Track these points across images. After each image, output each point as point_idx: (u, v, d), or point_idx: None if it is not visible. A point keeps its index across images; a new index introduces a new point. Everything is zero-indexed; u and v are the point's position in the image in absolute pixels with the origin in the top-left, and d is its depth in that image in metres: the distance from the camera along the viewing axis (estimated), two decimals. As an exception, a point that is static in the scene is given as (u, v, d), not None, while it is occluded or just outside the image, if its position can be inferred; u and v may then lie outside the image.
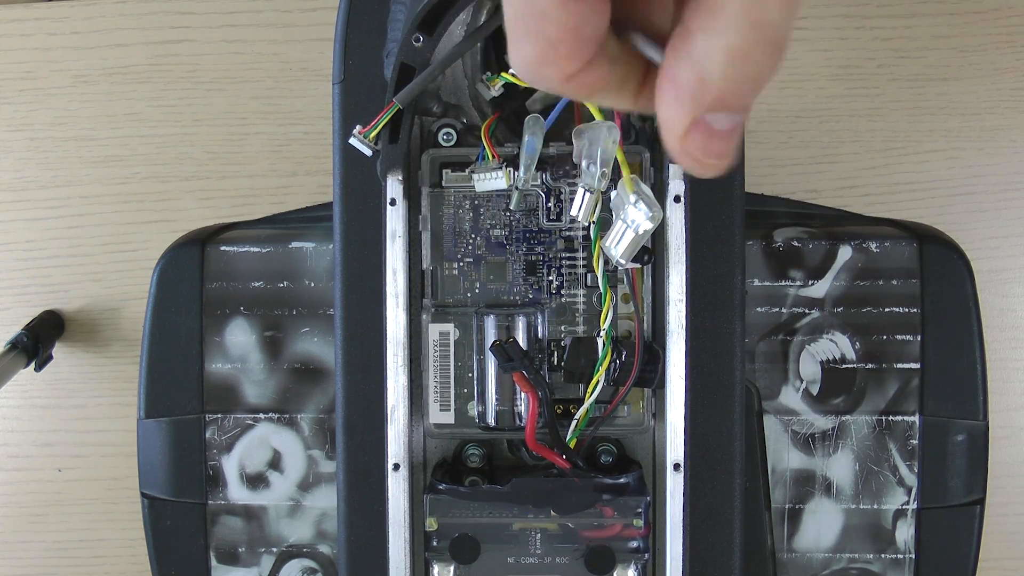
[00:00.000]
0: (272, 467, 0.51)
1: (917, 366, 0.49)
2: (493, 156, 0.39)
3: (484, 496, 0.41)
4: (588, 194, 0.36)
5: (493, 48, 0.42)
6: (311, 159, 0.68)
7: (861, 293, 0.49)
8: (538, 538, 0.41)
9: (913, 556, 0.49)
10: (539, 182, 0.41)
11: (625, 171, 0.36)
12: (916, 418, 0.49)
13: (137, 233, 0.69)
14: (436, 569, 0.41)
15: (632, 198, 0.34)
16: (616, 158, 0.37)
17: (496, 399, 0.41)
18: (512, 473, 0.42)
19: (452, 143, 0.41)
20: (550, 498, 0.40)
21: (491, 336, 0.41)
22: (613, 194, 0.39)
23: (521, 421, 0.41)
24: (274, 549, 0.51)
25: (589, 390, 0.41)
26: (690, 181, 0.39)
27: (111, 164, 0.69)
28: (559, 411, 0.42)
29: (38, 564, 0.70)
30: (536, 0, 0.20)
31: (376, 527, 0.42)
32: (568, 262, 0.42)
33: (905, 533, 0.49)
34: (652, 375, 0.41)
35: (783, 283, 0.50)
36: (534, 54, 0.21)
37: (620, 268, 0.41)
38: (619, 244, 0.35)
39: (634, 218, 0.34)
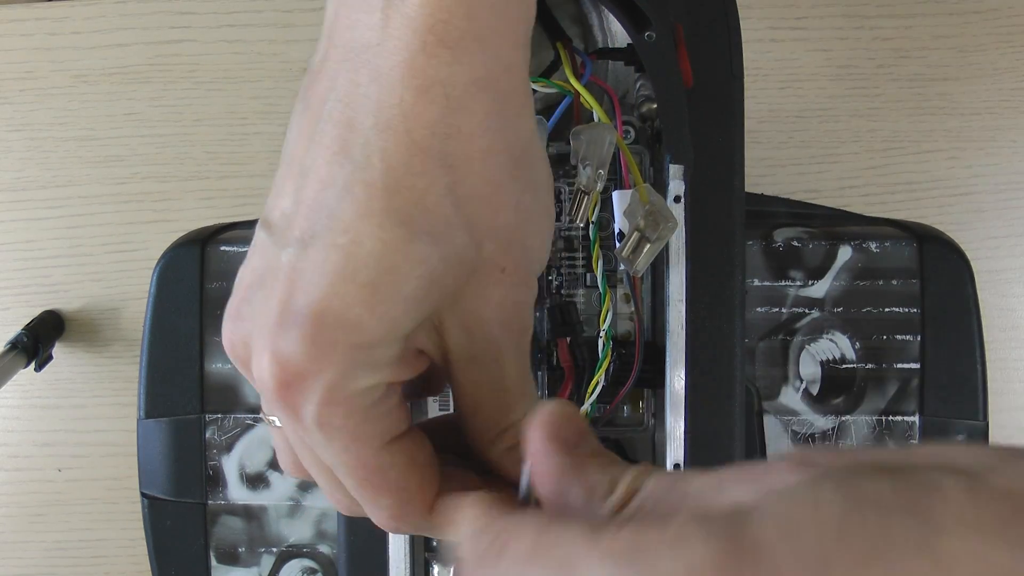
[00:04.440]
0: (272, 467, 0.51)
1: (917, 366, 0.49)
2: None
3: (484, 496, 0.41)
4: (584, 195, 0.36)
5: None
6: (311, 159, 0.68)
7: (861, 293, 0.49)
8: (538, 538, 0.41)
9: (913, 556, 0.49)
10: (539, 182, 0.41)
11: (638, 179, 0.37)
12: (916, 418, 0.49)
13: (137, 233, 0.69)
14: (436, 569, 0.41)
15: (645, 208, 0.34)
16: (626, 163, 0.37)
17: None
18: (512, 473, 0.42)
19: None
20: (550, 498, 0.40)
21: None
22: (615, 195, 0.38)
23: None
24: (274, 549, 0.51)
25: (589, 390, 0.41)
26: (690, 181, 0.39)
27: (111, 164, 0.69)
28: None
29: (38, 564, 0.70)
30: (368, 461, 0.24)
31: (376, 527, 0.42)
32: (568, 262, 0.42)
33: (905, 533, 0.49)
34: (652, 375, 0.41)
35: (783, 283, 0.50)
36: (390, 503, 0.25)
37: (620, 268, 0.41)
38: (633, 253, 0.35)
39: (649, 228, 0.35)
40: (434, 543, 0.41)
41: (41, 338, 0.65)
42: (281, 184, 0.24)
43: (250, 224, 0.54)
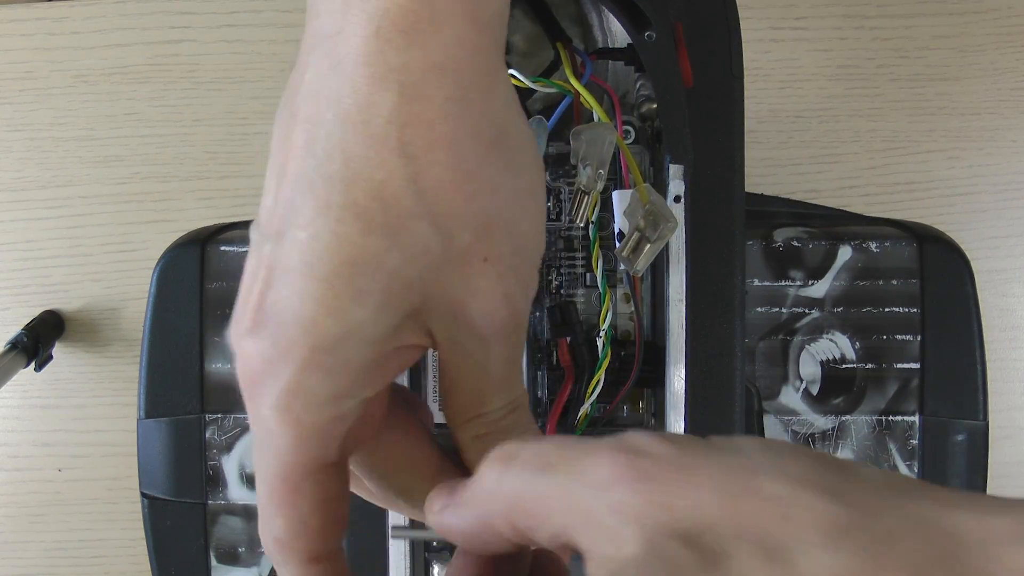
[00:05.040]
0: (272, 467, 0.51)
1: (917, 366, 0.49)
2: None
3: (484, 496, 0.40)
4: (584, 195, 0.36)
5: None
6: (311, 159, 0.68)
7: (861, 293, 0.49)
8: (538, 538, 0.41)
9: (913, 556, 0.49)
10: (539, 182, 0.41)
11: (638, 179, 0.37)
12: (916, 418, 0.49)
13: (137, 233, 0.69)
14: (436, 569, 0.41)
15: (646, 208, 0.34)
16: (626, 163, 0.37)
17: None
18: (512, 473, 0.41)
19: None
20: (550, 498, 0.40)
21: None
22: (615, 195, 0.39)
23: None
24: (274, 549, 0.51)
25: (589, 390, 0.41)
26: (690, 181, 0.39)
27: (111, 164, 0.69)
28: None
29: (38, 564, 0.70)
30: (290, 476, 0.22)
31: (376, 527, 0.42)
32: (568, 262, 0.42)
33: (905, 533, 0.49)
34: (652, 375, 0.41)
35: (783, 283, 0.50)
36: (284, 527, 0.23)
37: (620, 268, 0.41)
38: (633, 253, 0.35)
39: (650, 228, 0.35)
40: (434, 543, 0.41)
41: (41, 338, 0.65)
42: (267, 183, 0.24)
43: (250, 224, 0.54)
